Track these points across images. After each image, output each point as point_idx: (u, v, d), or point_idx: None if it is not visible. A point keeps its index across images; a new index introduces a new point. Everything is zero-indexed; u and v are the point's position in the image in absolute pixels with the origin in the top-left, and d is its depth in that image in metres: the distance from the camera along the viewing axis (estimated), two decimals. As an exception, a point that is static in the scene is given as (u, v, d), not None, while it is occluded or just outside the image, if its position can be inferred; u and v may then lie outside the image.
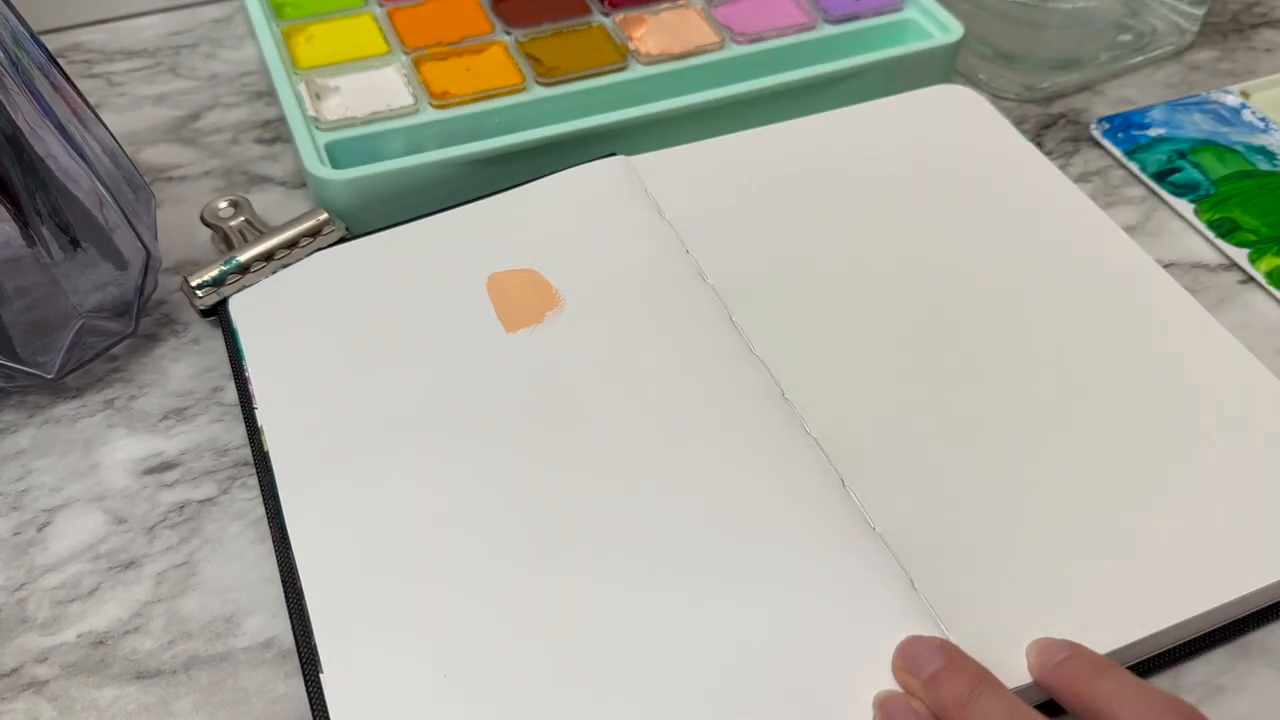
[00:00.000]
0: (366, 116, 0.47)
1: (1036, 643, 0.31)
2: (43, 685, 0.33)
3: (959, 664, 0.30)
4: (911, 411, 0.38)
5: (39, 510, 0.37)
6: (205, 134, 0.52)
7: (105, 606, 0.35)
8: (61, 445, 0.39)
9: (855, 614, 0.32)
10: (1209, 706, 0.33)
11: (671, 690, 0.31)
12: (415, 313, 0.41)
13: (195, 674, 0.33)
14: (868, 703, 0.30)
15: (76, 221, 0.38)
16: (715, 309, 0.40)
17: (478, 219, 0.44)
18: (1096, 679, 0.30)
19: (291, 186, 0.49)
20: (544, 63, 0.50)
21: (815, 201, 0.45)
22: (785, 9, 0.53)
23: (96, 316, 0.39)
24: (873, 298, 0.41)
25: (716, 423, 0.37)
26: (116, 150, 0.40)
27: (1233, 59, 0.57)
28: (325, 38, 0.51)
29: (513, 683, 0.31)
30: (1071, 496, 0.35)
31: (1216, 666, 0.34)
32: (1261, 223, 0.47)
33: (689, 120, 0.47)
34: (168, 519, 0.37)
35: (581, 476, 0.36)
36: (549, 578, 0.33)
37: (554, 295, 0.41)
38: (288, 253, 0.43)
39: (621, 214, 0.44)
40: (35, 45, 0.38)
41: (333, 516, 0.35)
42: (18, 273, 0.37)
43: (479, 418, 0.37)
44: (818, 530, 0.34)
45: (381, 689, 0.31)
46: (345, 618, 0.33)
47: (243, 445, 0.39)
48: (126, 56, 0.56)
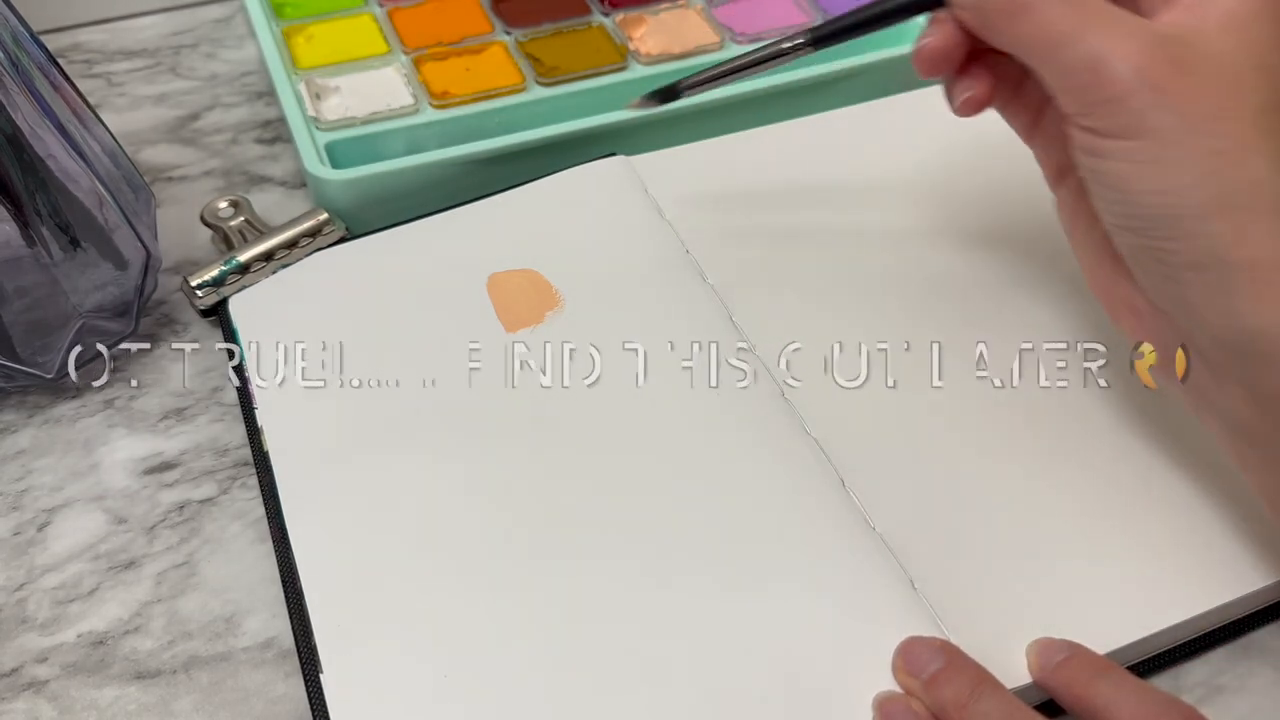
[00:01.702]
0: (366, 116, 0.47)
1: (1036, 643, 0.31)
2: (43, 685, 0.33)
3: (959, 665, 0.30)
4: (912, 411, 0.38)
5: (39, 510, 0.37)
6: (205, 134, 0.52)
7: (105, 606, 0.35)
8: (61, 445, 0.39)
9: (855, 614, 0.32)
10: (1209, 707, 0.33)
11: (671, 690, 0.31)
12: (415, 313, 0.41)
13: (195, 674, 0.33)
14: (867, 703, 0.30)
15: (76, 221, 0.37)
16: (715, 309, 0.40)
17: (478, 219, 0.44)
18: (1095, 680, 0.30)
19: (291, 186, 0.49)
20: (544, 63, 0.50)
21: (815, 201, 0.45)
22: (785, 9, 0.53)
23: (96, 316, 0.39)
24: (873, 297, 0.41)
25: (716, 423, 0.37)
26: (116, 150, 0.40)
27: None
28: (325, 38, 0.51)
29: (513, 683, 0.31)
30: (1072, 496, 0.35)
31: (1216, 667, 0.34)
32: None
33: (689, 120, 0.47)
34: (168, 519, 0.37)
35: (580, 476, 0.36)
36: (548, 578, 0.33)
37: (554, 295, 0.41)
38: (288, 253, 0.43)
39: (621, 214, 0.44)
40: (35, 45, 0.38)
41: (333, 516, 0.35)
42: (18, 273, 0.37)
43: (479, 418, 0.37)
44: (817, 530, 0.34)
45: (381, 689, 0.31)
46: (345, 618, 0.33)
47: (243, 445, 0.39)
48: (126, 56, 0.56)
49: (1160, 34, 0.29)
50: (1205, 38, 0.29)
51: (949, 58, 0.33)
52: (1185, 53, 0.28)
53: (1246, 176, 0.28)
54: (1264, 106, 0.28)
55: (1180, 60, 0.28)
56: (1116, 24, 0.29)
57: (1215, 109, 0.28)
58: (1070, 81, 0.30)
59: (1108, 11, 0.29)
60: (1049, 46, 0.30)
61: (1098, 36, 0.29)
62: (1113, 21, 0.29)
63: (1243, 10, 0.29)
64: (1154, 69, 0.28)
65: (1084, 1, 0.29)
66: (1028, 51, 0.30)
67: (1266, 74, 0.29)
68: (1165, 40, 0.29)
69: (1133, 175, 0.29)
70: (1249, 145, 0.28)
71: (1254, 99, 0.28)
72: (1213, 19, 0.29)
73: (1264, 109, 0.28)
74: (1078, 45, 0.29)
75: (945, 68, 0.33)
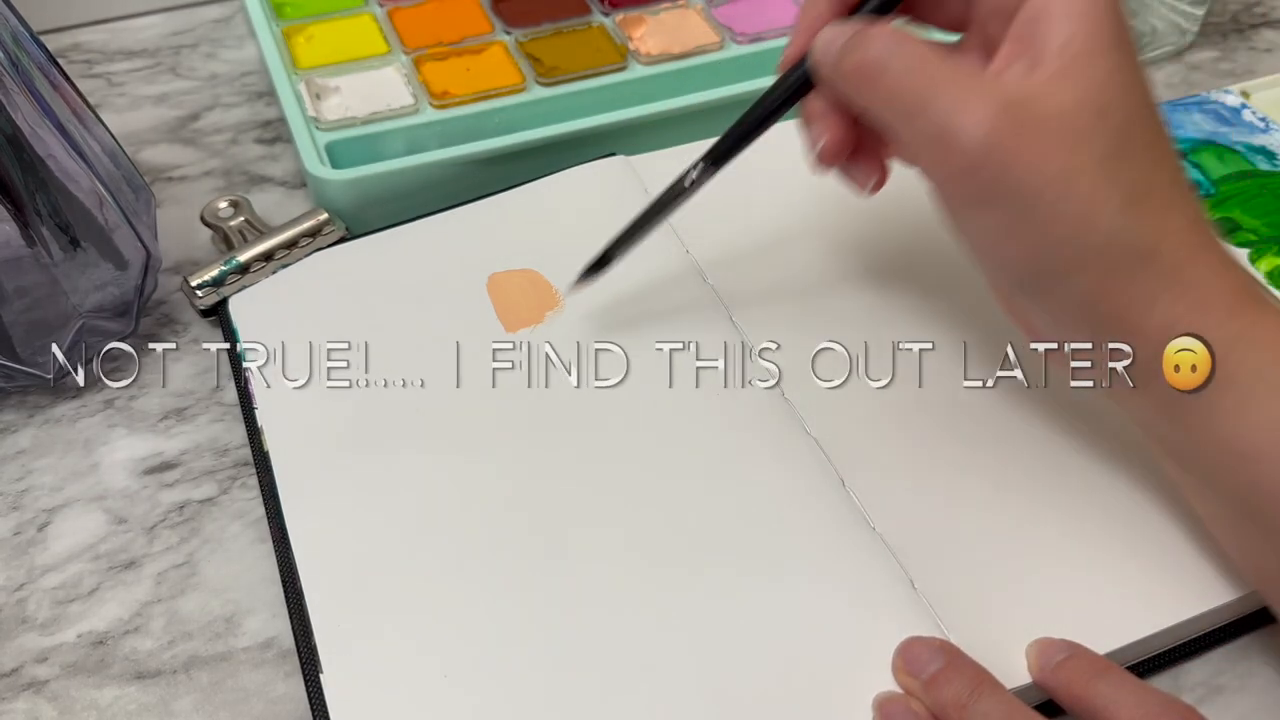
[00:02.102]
0: (366, 116, 0.47)
1: (1036, 643, 0.31)
2: (43, 685, 0.33)
3: (959, 665, 0.30)
4: (912, 411, 0.38)
5: (39, 510, 0.37)
6: (205, 134, 0.52)
7: (105, 606, 0.35)
8: (62, 445, 0.39)
9: (855, 614, 0.32)
10: (1209, 707, 0.33)
11: (671, 690, 0.31)
12: (415, 313, 0.41)
13: (195, 674, 0.33)
14: (867, 703, 0.30)
15: (76, 221, 0.37)
16: (715, 309, 0.40)
17: (478, 219, 0.44)
18: (1094, 680, 0.30)
19: (291, 186, 0.49)
20: (544, 62, 0.50)
21: (816, 201, 0.45)
22: (785, 9, 0.53)
23: (96, 316, 0.39)
24: (874, 297, 0.41)
25: (716, 423, 0.37)
26: (116, 150, 0.40)
27: (1233, 59, 0.57)
28: (325, 38, 0.51)
29: (513, 683, 0.31)
30: (1072, 496, 0.35)
31: (1216, 667, 0.34)
32: (1262, 223, 0.47)
33: (689, 120, 0.47)
34: (168, 519, 0.37)
35: (580, 477, 0.36)
36: (548, 578, 0.33)
37: (554, 295, 0.41)
38: (287, 253, 0.43)
39: (621, 214, 0.44)
40: (35, 45, 0.38)
41: (333, 516, 0.35)
42: (18, 273, 0.37)
43: (479, 417, 0.37)
44: (817, 530, 0.34)
45: (381, 689, 0.31)
46: (345, 618, 0.33)
47: (243, 445, 0.39)
48: (126, 56, 0.56)
49: (1004, 95, 0.29)
50: (1046, 92, 0.28)
51: (842, 148, 0.34)
52: (1028, 114, 0.28)
53: (1101, 230, 0.29)
54: (1108, 153, 0.29)
55: (1023, 124, 0.28)
56: (962, 89, 0.29)
57: (1061, 169, 0.28)
58: (924, 152, 0.30)
59: (954, 73, 0.29)
60: (902, 115, 0.30)
61: (945, 102, 0.29)
62: (959, 87, 0.29)
63: (1079, 50, 0.29)
64: (998, 136, 0.28)
65: (931, 64, 0.29)
66: (884, 118, 0.31)
67: (1107, 118, 0.29)
68: (1009, 104, 0.28)
69: (990, 243, 0.30)
70: (1098, 199, 0.28)
71: (1098, 148, 0.28)
72: (1052, 68, 0.29)
73: (1108, 155, 0.29)
74: (927, 114, 0.29)
75: (844, 154, 0.34)
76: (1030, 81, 0.29)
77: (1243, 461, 0.29)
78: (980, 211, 0.30)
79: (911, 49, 0.30)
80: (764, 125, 0.35)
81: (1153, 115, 0.30)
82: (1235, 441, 0.29)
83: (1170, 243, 0.29)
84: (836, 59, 0.31)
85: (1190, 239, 0.29)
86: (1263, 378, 0.29)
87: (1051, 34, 0.29)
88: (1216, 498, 0.31)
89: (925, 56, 0.30)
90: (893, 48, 0.30)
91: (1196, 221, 0.30)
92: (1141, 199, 0.29)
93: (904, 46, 0.30)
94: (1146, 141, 0.29)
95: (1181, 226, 0.29)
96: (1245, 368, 0.29)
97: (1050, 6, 0.29)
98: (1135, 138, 0.29)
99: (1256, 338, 0.29)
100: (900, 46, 0.30)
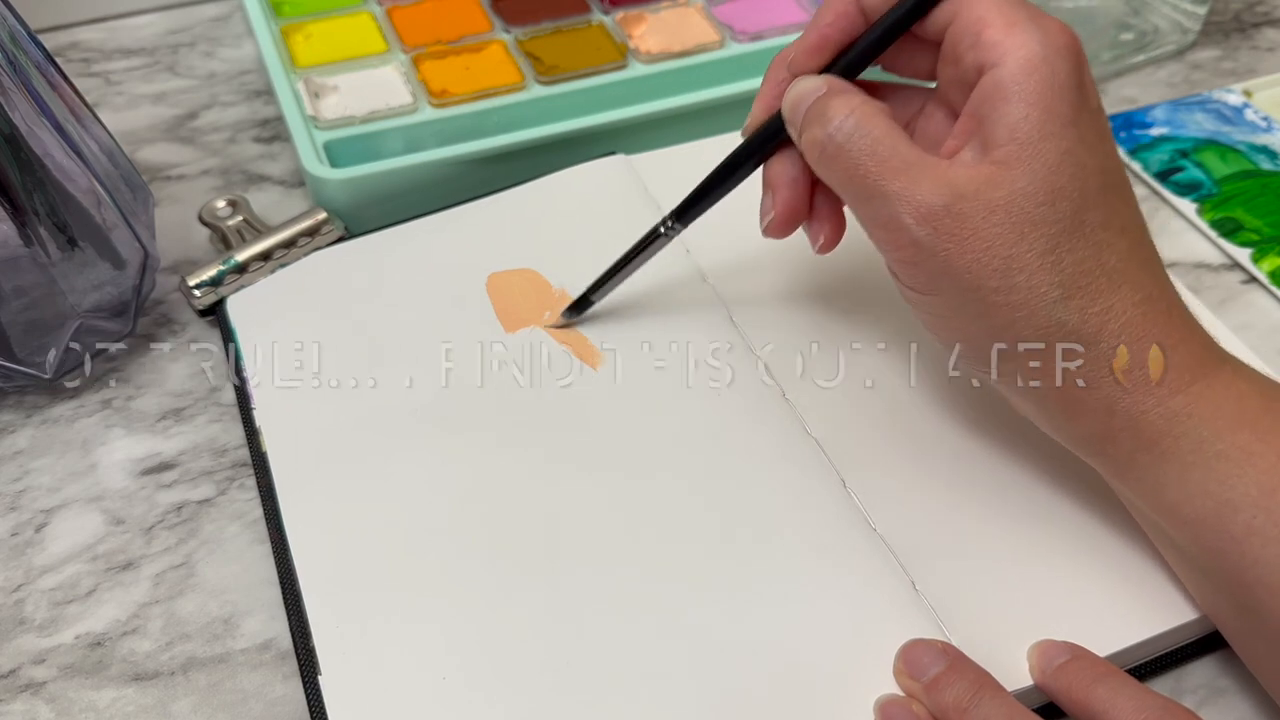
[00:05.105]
0: (365, 115, 0.47)
1: (1037, 645, 0.31)
2: (40, 687, 0.33)
3: (960, 668, 0.30)
4: (913, 411, 0.38)
5: (36, 511, 0.37)
6: (203, 133, 0.52)
7: (103, 607, 0.35)
8: (59, 445, 0.39)
9: (856, 616, 0.32)
10: (1210, 709, 0.33)
11: (672, 692, 0.31)
12: (414, 312, 0.41)
13: (193, 675, 0.33)
14: (868, 705, 0.30)
15: (74, 221, 0.37)
16: (715, 309, 0.40)
17: (477, 218, 0.44)
18: (1095, 684, 0.30)
19: (290, 185, 0.49)
20: (543, 61, 0.50)
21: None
22: (785, 7, 0.53)
23: (94, 316, 0.39)
24: (874, 297, 0.41)
25: (716, 424, 0.37)
26: (114, 149, 0.40)
27: (1235, 58, 0.57)
28: (324, 36, 0.51)
29: (511, 685, 0.31)
30: (1075, 498, 0.35)
31: (1217, 669, 0.34)
32: (1264, 222, 0.47)
33: (689, 119, 0.47)
34: (165, 520, 0.37)
35: (580, 477, 0.36)
36: (547, 579, 0.33)
37: (554, 295, 0.41)
38: (286, 252, 0.43)
39: (621, 214, 0.44)
40: (33, 44, 0.38)
41: (331, 518, 0.35)
42: (15, 272, 0.37)
43: (479, 417, 0.37)
44: (818, 532, 0.34)
45: (380, 691, 0.31)
46: (343, 619, 0.32)
47: (241, 446, 0.39)
48: (124, 55, 0.56)
49: (953, 188, 0.29)
50: (995, 181, 0.29)
51: (791, 222, 0.34)
52: (974, 206, 0.29)
53: (1040, 321, 0.29)
54: (1052, 244, 0.29)
55: (967, 217, 0.29)
56: (913, 180, 0.29)
57: (1003, 263, 0.29)
58: (874, 234, 0.31)
59: (906, 161, 0.29)
60: (854, 197, 0.31)
61: (896, 189, 0.29)
62: (908, 177, 0.29)
63: (1031, 133, 0.29)
64: (943, 230, 0.29)
65: (885, 147, 0.30)
66: (839, 193, 0.32)
67: (1057, 204, 0.29)
68: (957, 197, 0.29)
69: (935, 323, 0.32)
70: (1037, 292, 0.29)
71: (1042, 238, 0.29)
72: (1001, 153, 0.29)
73: (1051, 247, 0.29)
74: (876, 201, 0.30)
75: (793, 228, 0.34)
76: (979, 170, 0.29)
77: (1186, 525, 0.30)
78: (925, 298, 0.31)
79: (869, 129, 0.30)
80: (728, 185, 0.36)
81: (1108, 192, 0.30)
82: (1180, 508, 0.30)
83: (1112, 328, 0.29)
84: (800, 129, 0.32)
85: (1135, 320, 0.29)
86: (1202, 451, 0.29)
87: (1004, 115, 0.29)
88: (1173, 550, 0.32)
89: (880, 140, 0.30)
90: (851, 129, 0.30)
91: (1148, 299, 0.30)
92: (1083, 288, 0.29)
93: (862, 126, 0.30)
94: (1100, 222, 0.29)
95: (1127, 308, 0.29)
96: (1186, 441, 0.29)
97: (1004, 85, 0.29)
98: (1086, 220, 0.29)
99: (1196, 411, 0.29)
100: (859, 126, 0.30)
